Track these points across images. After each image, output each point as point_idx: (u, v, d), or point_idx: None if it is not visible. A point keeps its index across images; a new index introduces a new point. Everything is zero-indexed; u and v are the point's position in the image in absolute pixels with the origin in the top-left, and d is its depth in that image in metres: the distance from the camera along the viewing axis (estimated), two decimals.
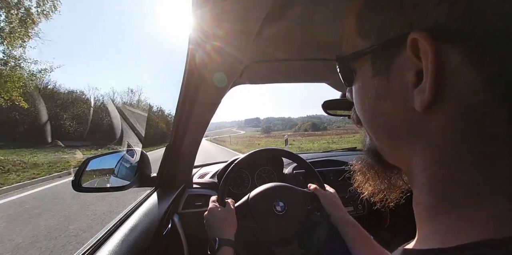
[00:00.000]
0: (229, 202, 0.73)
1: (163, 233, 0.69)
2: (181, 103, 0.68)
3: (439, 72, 0.18)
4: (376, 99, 0.23)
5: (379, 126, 0.25)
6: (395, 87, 0.21)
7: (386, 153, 0.27)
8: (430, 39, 0.17)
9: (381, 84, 0.22)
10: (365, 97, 0.25)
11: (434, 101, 0.18)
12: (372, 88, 0.23)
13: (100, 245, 0.53)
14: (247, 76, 0.69)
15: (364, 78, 0.25)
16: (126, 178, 0.85)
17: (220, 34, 0.43)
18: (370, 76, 0.23)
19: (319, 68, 0.72)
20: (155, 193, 0.82)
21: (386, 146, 0.26)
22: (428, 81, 0.18)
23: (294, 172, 1.09)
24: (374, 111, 0.24)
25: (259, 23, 0.41)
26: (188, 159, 0.89)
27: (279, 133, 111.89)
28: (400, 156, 0.24)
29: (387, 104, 0.22)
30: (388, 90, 0.22)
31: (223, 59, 0.54)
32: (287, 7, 0.40)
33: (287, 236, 0.69)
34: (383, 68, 0.22)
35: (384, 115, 0.23)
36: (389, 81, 0.22)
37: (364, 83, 0.25)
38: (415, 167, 0.22)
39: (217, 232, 0.64)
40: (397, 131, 0.23)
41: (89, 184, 0.80)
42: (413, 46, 0.18)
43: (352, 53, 0.25)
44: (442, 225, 0.19)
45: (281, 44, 0.54)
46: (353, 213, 1.04)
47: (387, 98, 0.22)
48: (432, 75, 0.18)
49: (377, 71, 0.22)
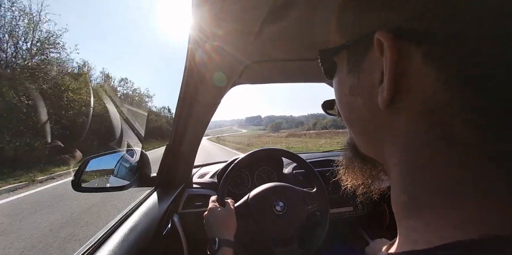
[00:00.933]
0: (229, 202, 0.73)
1: (163, 233, 0.69)
2: (180, 103, 0.68)
3: (398, 72, 0.18)
4: (349, 95, 0.24)
5: (353, 121, 0.26)
6: (364, 85, 0.22)
7: (361, 147, 0.28)
8: (391, 40, 0.18)
9: (354, 81, 0.23)
10: (341, 92, 0.26)
11: (393, 100, 0.19)
12: (346, 85, 0.24)
13: (100, 245, 0.53)
14: (247, 76, 0.69)
15: (340, 74, 0.25)
16: (126, 177, 0.85)
17: (219, 34, 0.43)
18: (345, 73, 0.24)
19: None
20: (155, 193, 0.82)
21: (361, 140, 0.27)
22: (386, 81, 0.18)
23: (294, 171, 1.09)
24: (349, 106, 0.25)
25: (259, 23, 0.41)
26: (188, 158, 0.89)
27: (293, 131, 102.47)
28: (373, 151, 0.25)
29: (358, 101, 0.23)
30: (359, 88, 0.23)
31: (223, 59, 0.54)
32: (286, 7, 0.40)
33: (287, 236, 0.69)
34: (356, 65, 0.22)
35: (356, 111, 0.24)
36: (359, 79, 0.22)
37: (340, 79, 0.26)
38: (387, 161, 0.23)
39: (216, 232, 0.64)
40: (367, 127, 0.24)
41: (89, 184, 0.80)
42: (379, 45, 0.19)
43: (331, 48, 0.26)
44: (415, 224, 0.20)
45: (280, 44, 0.54)
46: (353, 213, 1.04)
47: (358, 95, 0.23)
48: (390, 75, 0.18)
49: (351, 68, 0.23)
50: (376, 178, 0.30)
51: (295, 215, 0.72)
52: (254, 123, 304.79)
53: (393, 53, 0.18)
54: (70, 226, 2.89)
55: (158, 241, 0.65)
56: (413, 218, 0.20)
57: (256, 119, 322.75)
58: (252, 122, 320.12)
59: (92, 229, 2.75)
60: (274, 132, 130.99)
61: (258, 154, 0.86)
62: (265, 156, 0.89)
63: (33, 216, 3.32)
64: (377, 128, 0.22)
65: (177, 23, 8.25)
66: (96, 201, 3.79)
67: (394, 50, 0.18)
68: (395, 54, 0.18)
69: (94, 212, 3.36)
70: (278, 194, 0.75)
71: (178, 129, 0.78)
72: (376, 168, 0.30)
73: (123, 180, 0.84)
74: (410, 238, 0.20)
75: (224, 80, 0.63)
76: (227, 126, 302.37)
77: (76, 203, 3.78)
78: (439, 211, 0.18)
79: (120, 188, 0.79)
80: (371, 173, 0.30)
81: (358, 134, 0.27)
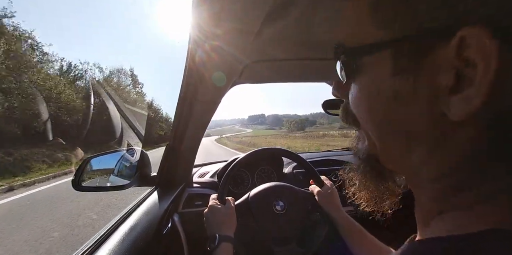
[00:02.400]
0: (229, 200, 0.74)
1: (163, 232, 0.69)
2: (180, 103, 0.68)
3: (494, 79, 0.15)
4: (392, 100, 0.20)
5: (390, 131, 0.22)
6: (423, 90, 0.18)
7: (389, 158, 0.24)
8: (491, 38, 0.14)
9: (404, 85, 0.19)
10: (377, 97, 0.21)
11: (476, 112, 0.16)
12: (390, 88, 0.20)
13: (100, 244, 0.53)
14: (247, 76, 0.69)
15: (378, 75, 0.21)
16: (126, 177, 0.85)
17: (219, 34, 0.43)
18: (388, 74, 0.20)
19: (319, 68, 0.72)
20: (155, 192, 0.82)
21: (394, 151, 0.23)
22: (482, 90, 0.15)
23: (294, 171, 1.09)
24: (388, 113, 0.21)
25: (259, 22, 0.41)
26: (188, 158, 0.89)
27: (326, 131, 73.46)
28: (408, 163, 0.22)
29: (407, 108, 0.19)
30: (412, 93, 0.19)
31: (223, 58, 0.54)
32: (287, 7, 0.39)
33: (286, 235, 0.70)
34: (410, 66, 0.18)
35: (401, 119, 0.20)
36: (415, 82, 0.18)
37: (377, 82, 0.21)
38: (424, 176, 0.21)
39: (216, 229, 0.64)
40: (414, 138, 0.20)
41: (89, 183, 0.80)
42: (461, 43, 0.15)
43: (365, 45, 0.21)
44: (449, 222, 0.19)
45: (281, 43, 0.54)
46: (354, 213, 1.04)
47: (410, 101, 0.19)
48: (489, 83, 0.15)
49: (401, 69, 0.19)
50: (393, 193, 0.28)
51: (295, 215, 0.72)
52: (257, 123, 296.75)
53: (495, 53, 0.14)
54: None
55: (158, 240, 0.65)
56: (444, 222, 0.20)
57: (260, 118, 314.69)
58: (256, 121, 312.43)
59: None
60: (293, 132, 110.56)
61: (258, 153, 0.86)
62: (265, 155, 0.89)
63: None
64: (433, 139, 0.19)
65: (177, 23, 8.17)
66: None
67: (494, 50, 0.14)
68: (495, 57, 0.14)
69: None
70: (278, 193, 0.75)
71: (178, 128, 0.78)
72: (394, 181, 0.27)
73: (123, 179, 0.84)
74: (440, 231, 0.19)
75: (224, 80, 0.63)
76: (228, 125, 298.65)
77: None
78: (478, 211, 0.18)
79: (120, 187, 0.79)
80: (387, 187, 0.28)
81: (395, 145, 0.23)
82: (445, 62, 0.17)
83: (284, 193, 0.76)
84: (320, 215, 0.73)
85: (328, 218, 0.71)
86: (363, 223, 0.69)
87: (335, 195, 0.77)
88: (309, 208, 0.75)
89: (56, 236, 2.79)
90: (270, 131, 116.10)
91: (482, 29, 0.14)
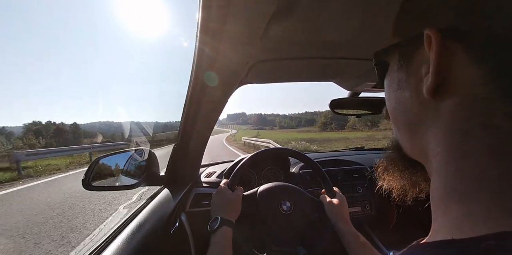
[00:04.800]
0: (239, 188, 0.75)
1: (171, 231, 0.70)
2: (188, 103, 0.69)
3: (443, 63, 0.20)
4: (397, 89, 0.27)
5: (399, 115, 0.28)
6: (412, 78, 0.24)
7: (406, 145, 0.29)
8: (438, 35, 0.20)
9: (402, 76, 0.26)
10: (391, 89, 0.28)
11: (437, 89, 0.21)
12: (395, 80, 0.27)
13: (109, 243, 0.54)
14: (253, 75, 0.69)
15: (391, 71, 0.28)
16: (135, 176, 0.86)
17: (226, 33, 0.43)
18: (395, 70, 0.27)
19: (326, 67, 0.71)
20: (162, 192, 0.83)
21: (405, 135, 0.28)
22: (431, 70, 0.20)
23: (301, 171, 1.09)
24: (396, 100, 0.27)
25: (266, 21, 0.41)
26: (195, 158, 0.89)
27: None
28: (417, 145, 0.26)
29: (405, 94, 0.25)
30: (407, 82, 0.25)
31: (230, 58, 0.54)
32: (293, 6, 0.39)
33: (287, 236, 0.69)
34: (406, 61, 0.25)
35: (403, 103, 0.26)
36: (407, 73, 0.25)
37: (390, 77, 0.28)
38: (430, 154, 0.23)
39: (220, 212, 0.66)
40: (413, 117, 0.25)
41: (99, 182, 0.82)
42: (428, 41, 0.21)
43: (384, 48, 0.28)
44: (455, 215, 0.19)
45: (287, 43, 0.53)
46: (360, 213, 1.03)
47: (405, 88, 0.25)
48: (434, 65, 0.20)
49: (401, 65, 0.26)
50: (415, 183, 0.31)
51: (299, 219, 0.72)
52: (239, 122, 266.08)
53: (439, 45, 0.20)
54: None
55: (165, 239, 0.66)
56: (452, 209, 0.20)
57: (241, 117, 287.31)
58: (236, 120, 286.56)
59: None
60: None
61: (266, 152, 0.86)
62: (272, 155, 0.88)
63: None
64: (422, 118, 0.24)
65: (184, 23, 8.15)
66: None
67: (440, 43, 0.20)
68: (440, 46, 0.20)
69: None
70: (287, 194, 0.75)
71: (185, 128, 0.79)
72: (416, 173, 0.30)
73: (132, 179, 0.85)
74: (446, 228, 0.20)
75: (230, 80, 0.63)
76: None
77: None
78: (481, 201, 0.18)
79: (129, 187, 0.81)
80: (410, 177, 0.31)
81: (403, 128, 0.28)
82: (424, 57, 0.22)
83: (293, 194, 0.75)
84: (326, 224, 0.72)
85: (333, 228, 0.70)
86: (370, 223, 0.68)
87: (345, 208, 0.76)
88: (316, 215, 0.74)
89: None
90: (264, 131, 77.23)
91: (434, 29, 0.20)
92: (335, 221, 0.71)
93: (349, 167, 1.15)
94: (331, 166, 1.14)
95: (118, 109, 47.45)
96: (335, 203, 0.76)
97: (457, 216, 0.19)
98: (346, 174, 1.11)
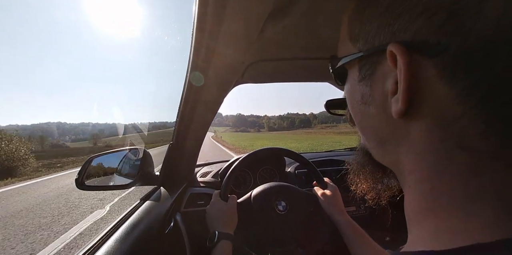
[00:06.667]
0: (232, 197, 0.74)
1: (165, 231, 0.70)
2: (183, 103, 0.69)
3: (412, 84, 0.18)
4: (362, 103, 0.24)
5: (367, 129, 0.26)
6: (377, 94, 0.22)
7: (375, 153, 0.27)
8: (404, 53, 0.18)
9: (366, 90, 0.23)
10: (353, 100, 0.26)
11: (408, 111, 0.19)
12: (358, 93, 0.24)
13: (103, 243, 0.53)
14: (249, 76, 0.69)
15: (352, 82, 0.26)
16: (129, 176, 0.85)
17: (222, 34, 0.43)
18: (357, 81, 0.24)
19: (322, 68, 0.71)
20: (157, 192, 0.83)
21: (375, 147, 0.26)
22: (401, 92, 0.19)
23: (296, 171, 1.09)
24: (362, 114, 0.25)
25: (262, 22, 0.41)
26: (190, 157, 0.89)
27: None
28: (388, 158, 0.25)
29: (371, 110, 0.23)
30: (371, 97, 0.23)
31: (226, 58, 0.54)
32: (290, 6, 0.39)
33: (288, 236, 0.69)
34: (368, 74, 0.23)
35: (369, 119, 0.24)
36: (371, 88, 0.22)
37: (352, 87, 0.26)
38: (403, 169, 0.23)
39: (217, 226, 0.65)
40: (382, 135, 0.24)
41: (92, 182, 0.80)
42: (392, 57, 0.19)
43: (343, 57, 0.26)
44: (433, 228, 0.19)
45: (283, 43, 0.53)
46: (355, 213, 1.04)
47: (371, 103, 0.23)
48: (404, 87, 0.18)
49: (363, 77, 0.23)
50: (386, 185, 0.31)
51: (296, 215, 0.72)
52: (215, 124, 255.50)
53: (406, 65, 0.18)
54: None
55: (160, 239, 0.65)
56: (428, 223, 0.20)
57: (216, 118, 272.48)
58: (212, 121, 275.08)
59: None
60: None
61: (261, 153, 0.86)
62: (268, 155, 0.89)
63: None
64: (391, 136, 0.22)
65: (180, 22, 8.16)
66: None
67: (407, 62, 0.18)
68: (408, 66, 0.18)
69: None
70: (281, 193, 0.75)
71: (180, 128, 0.78)
72: (387, 175, 0.29)
73: (126, 178, 0.84)
74: (423, 240, 0.20)
75: (226, 80, 0.63)
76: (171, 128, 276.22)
77: None
78: (456, 215, 0.18)
79: (124, 186, 0.80)
80: (381, 180, 0.30)
81: (372, 141, 0.26)
82: (388, 72, 0.20)
83: (286, 193, 0.76)
84: (322, 217, 0.73)
85: (330, 220, 0.71)
86: (365, 223, 0.68)
87: (338, 198, 0.76)
88: (312, 209, 0.74)
89: None
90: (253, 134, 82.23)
91: (398, 44, 0.18)
92: (331, 213, 0.72)
93: (343, 167, 1.16)
94: (326, 165, 1.14)
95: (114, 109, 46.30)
96: (327, 194, 0.77)
97: (435, 229, 0.19)
98: (341, 173, 1.12)
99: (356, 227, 0.67)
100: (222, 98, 0.71)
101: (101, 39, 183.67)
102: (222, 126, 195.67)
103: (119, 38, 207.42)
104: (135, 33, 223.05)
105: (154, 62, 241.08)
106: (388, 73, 0.20)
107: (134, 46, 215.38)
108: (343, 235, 0.67)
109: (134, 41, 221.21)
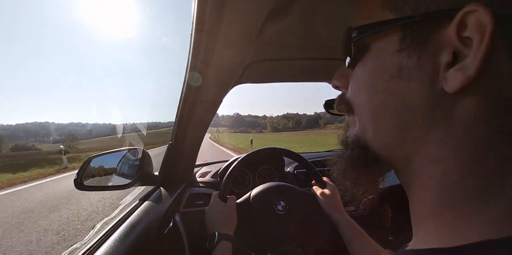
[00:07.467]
0: (231, 198, 0.74)
1: (165, 231, 0.70)
2: (182, 103, 0.69)
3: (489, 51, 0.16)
4: (396, 77, 0.21)
5: (386, 112, 0.22)
6: (427, 65, 0.19)
7: (382, 144, 0.24)
8: (490, 13, 0.16)
9: (409, 61, 0.20)
10: (379, 76, 0.22)
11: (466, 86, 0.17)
12: (394, 65, 0.21)
13: (102, 243, 0.53)
14: (249, 76, 0.69)
15: (383, 53, 0.22)
16: (128, 176, 0.85)
17: (221, 34, 0.43)
18: (393, 51, 0.21)
19: (321, 68, 0.71)
20: (156, 192, 0.82)
21: (389, 135, 0.23)
22: (479, 58, 0.16)
23: (296, 171, 1.09)
24: (388, 93, 0.22)
25: (262, 22, 0.41)
26: (189, 158, 0.89)
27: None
28: (406, 147, 0.22)
29: (410, 84, 0.20)
30: (417, 69, 0.19)
31: (225, 58, 0.54)
32: (289, 6, 0.39)
33: (287, 236, 0.69)
34: (416, 43, 0.19)
35: (402, 97, 0.21)
36: (420, 59, 0.19)
37: (382, 59, 0.22)
38: (421, 160, 0.21)
39: (216, 227, 0.65)
40: (412, 116, 0.20)
41: (91, 182, 0.80)
42: (461, 22, 0.17)
43: (374, 23, 0.22)
44: (446, 222, 0.19)
45: (282, 43, 0.54)
46: (354, 213, 1.04)
47: (413, 77, 0.20)
48: (482, 56, 0.16)
49: (407, 46, 0.20)
50: (375, 183, 0.29)
51: (296, 215, 0.72)
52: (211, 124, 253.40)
53: (493, 27, 0.16)
54: None
55: (159, 240, 0.65)
56: (443, 217, 0.19)
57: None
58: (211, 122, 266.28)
59: None
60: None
61: (260, 152, 0.86)
62: (267, 155, 0.89)
63: None
64: (426, 117, 0.20)
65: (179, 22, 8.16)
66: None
67: (490, 24, 0.16)
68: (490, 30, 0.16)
69: None
70: (280, 193, 0.75)
71: (179, 128, 0.78)
72: (380, 170, 0.27)
73: (125, 179, 0.84)
74: (435, 236, 0.19)
75: (225, 80, 0.63)
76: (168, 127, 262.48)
77: None
78: (477, 211, 0.17)
79: (123, 187, 0.80)
80: (372, 177, 0.28)
81: (388, 128, 0.23)
82: (446, 40, 0.18)
83: (285, 193, 0.76)
84: (321, 217, 0.73)
85: (330, 220, 0.71)
86: (364, 223, 0.69)
87: (337, 197, 0.76)
88: (311, 209, 0.74)
89: None
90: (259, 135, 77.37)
91: (481, 6, 0.16)
92: (330, 212, 0.72)
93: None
94: (325, 165, 1.15)
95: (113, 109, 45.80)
96: (326, 193, 0.76)
97: (448, 223, 0.18)
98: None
99: (355, 227, 0.67)
100: (221, 99, 0.71)
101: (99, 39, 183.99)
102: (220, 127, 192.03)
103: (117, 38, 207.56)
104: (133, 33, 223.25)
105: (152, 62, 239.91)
106: (445, 42, 0.18)
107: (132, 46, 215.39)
108: (342, 235, 0.67)
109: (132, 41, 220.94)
